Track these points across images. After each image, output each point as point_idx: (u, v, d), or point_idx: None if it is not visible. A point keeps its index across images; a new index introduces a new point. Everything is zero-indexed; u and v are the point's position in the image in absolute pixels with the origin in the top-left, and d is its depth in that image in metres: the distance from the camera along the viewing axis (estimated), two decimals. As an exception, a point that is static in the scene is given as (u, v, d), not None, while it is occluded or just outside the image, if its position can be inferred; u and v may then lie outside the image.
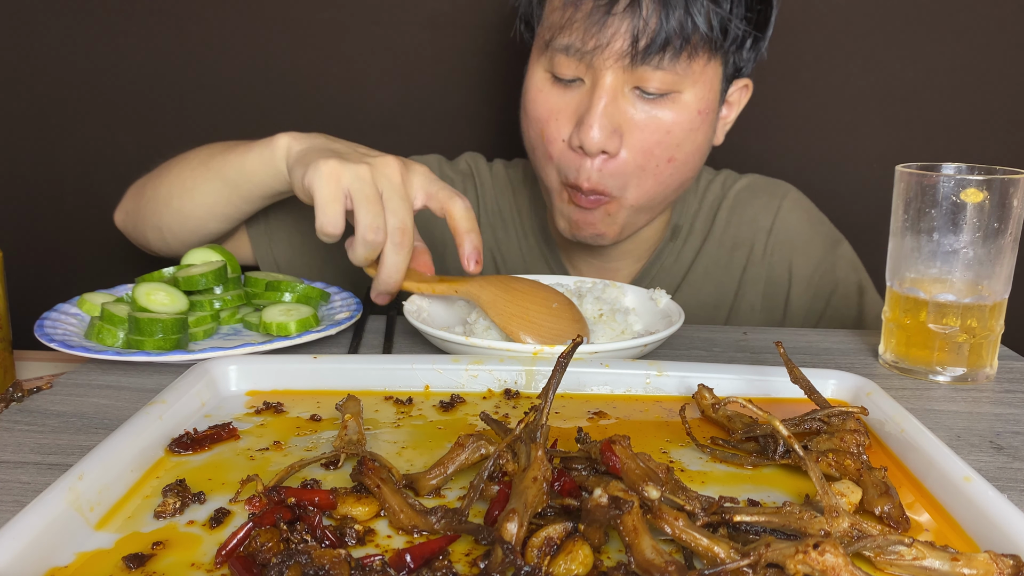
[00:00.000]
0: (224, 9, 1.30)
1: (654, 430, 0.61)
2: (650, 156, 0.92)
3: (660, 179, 0.94)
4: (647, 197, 0.95)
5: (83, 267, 1.42)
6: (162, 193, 0.96)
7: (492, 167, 1.17)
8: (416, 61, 1.33)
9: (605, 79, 0.89)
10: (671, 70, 0.88)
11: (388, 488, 0.48)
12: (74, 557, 0.43)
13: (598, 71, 0.89)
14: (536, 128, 0.96)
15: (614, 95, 0.90)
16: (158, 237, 0.99)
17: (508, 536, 0.42)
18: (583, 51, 0.89)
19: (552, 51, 0.92)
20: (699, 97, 0.92)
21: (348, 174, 0.76)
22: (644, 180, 0.94)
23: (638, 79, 0.89)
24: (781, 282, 1.11)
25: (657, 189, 0.95)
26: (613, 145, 0.90)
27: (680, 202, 1.11)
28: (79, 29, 1.33)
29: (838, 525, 0.44)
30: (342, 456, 0.54)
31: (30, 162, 1.38)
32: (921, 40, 1.29)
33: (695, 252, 1.11)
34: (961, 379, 0.76)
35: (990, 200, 0.72)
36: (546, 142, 0.95)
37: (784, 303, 1.11)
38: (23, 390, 0.67)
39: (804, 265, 1.10)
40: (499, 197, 1.15)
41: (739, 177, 1.14)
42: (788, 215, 1.11)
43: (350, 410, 0.59)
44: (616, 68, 0.88)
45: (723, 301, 1.11)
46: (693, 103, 0.91)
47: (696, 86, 0.91)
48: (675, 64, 0.88)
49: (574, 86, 0.92)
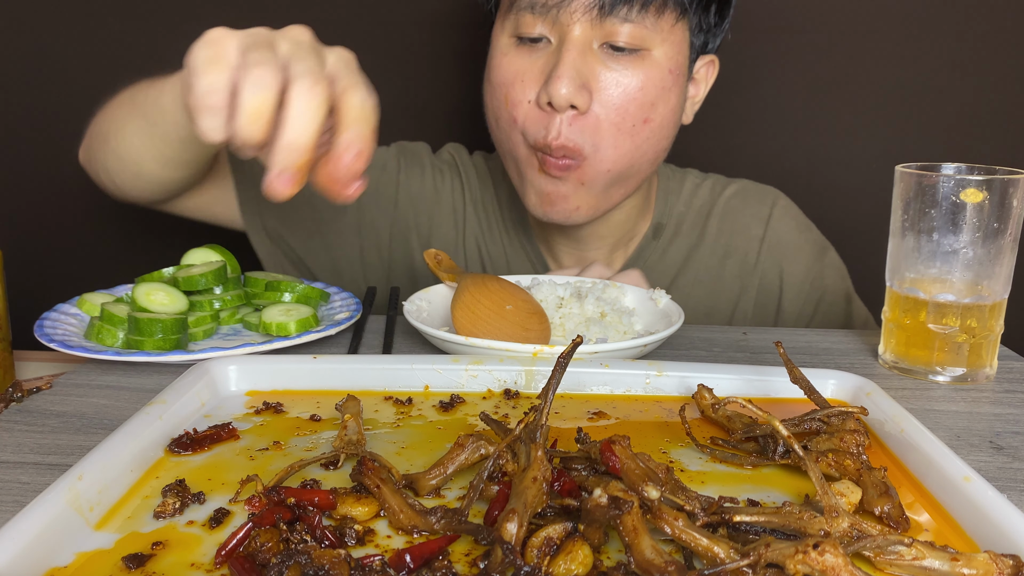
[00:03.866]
0: (224, 9, 1.30)
1: (654, 430, 0.61)
2: (625, 114, 0.90)
3: (636, 141, 0.92)
4: (624, 160, 0.93)
5: (83, 267, 1.42)
6: (101, 131, 0.89)
7: (473, 158, 1.16)
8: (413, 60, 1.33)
9: (572, 32, 0.88)
10: (640, 23, 0.88)
11: (388, 488, 0.48)
12: (74, 557, 0.43)
13: (565, 26, 0.88)
14: (500, 93, 0.93)
15: (582, 49, 0.88)
16: (108, 180, 0.94)
17: (508, 536, 0.42)
18: (548, 6, 0.88)
19: (517, 11, 0.90)
20: (668, 56, 0.91)
21: (238, 35, 0.60)
22: (620, 140, 0.91)
23: (607, 34, 0.88)
24: (772, 289, 1.11)
25: (634, 153, 0.93)
26: (583, 100, 0.88)
27: (662, 200, 1.11)
28: (79, 29, 1.33)
29: (838, 525, 0.44)
30: (342, 456, 0.54)
31: (30, 162, 1.38)
32: (921, 40, 1.29)
33: (684, 257, 1.10)
34: (961, 379, 0.76)
35: (990, 200, 0.72)
36: (510, 106, 0.92)
37: (776, 310, 1.11)
38: (23, 390, 0.67)
39: (795, 272, 1.10)
40: (482, 188, 1.14)
41: (728, 182, 1.14)
42: (778, 223, 1.11)
43: (350, 410, 0.59)
44: (584, 21, 0.87)
45: (716, 308, 1.11)
46: (663, 61, 0.91)
47: (665, 44, 0.90)
48: (644, 17, 0.87)
49: (539, 47, 0.91)
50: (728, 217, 1.11)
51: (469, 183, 1.13)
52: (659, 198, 1.11)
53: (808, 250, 1.11)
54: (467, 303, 0.79)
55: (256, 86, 0.55)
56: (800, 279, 1.10)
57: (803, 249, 1.11)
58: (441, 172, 1.14)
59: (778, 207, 1.12)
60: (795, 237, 1.11)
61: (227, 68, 0.57)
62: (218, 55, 0.58)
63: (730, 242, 1.11)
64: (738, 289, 1.10)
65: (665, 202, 1.11)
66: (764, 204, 1.12)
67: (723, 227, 1.11)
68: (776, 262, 1.10)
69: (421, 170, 1.13)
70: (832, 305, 1.10)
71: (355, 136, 0.58)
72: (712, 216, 1.11)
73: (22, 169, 1.39)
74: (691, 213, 1.12)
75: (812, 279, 1.10)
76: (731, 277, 1.10)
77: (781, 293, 1.10)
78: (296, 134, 0.56)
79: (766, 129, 1.34)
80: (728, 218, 1.11)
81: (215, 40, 0.59)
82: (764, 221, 1.11)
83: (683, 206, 1.12)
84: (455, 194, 1.13)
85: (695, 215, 1.12)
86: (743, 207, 1.12)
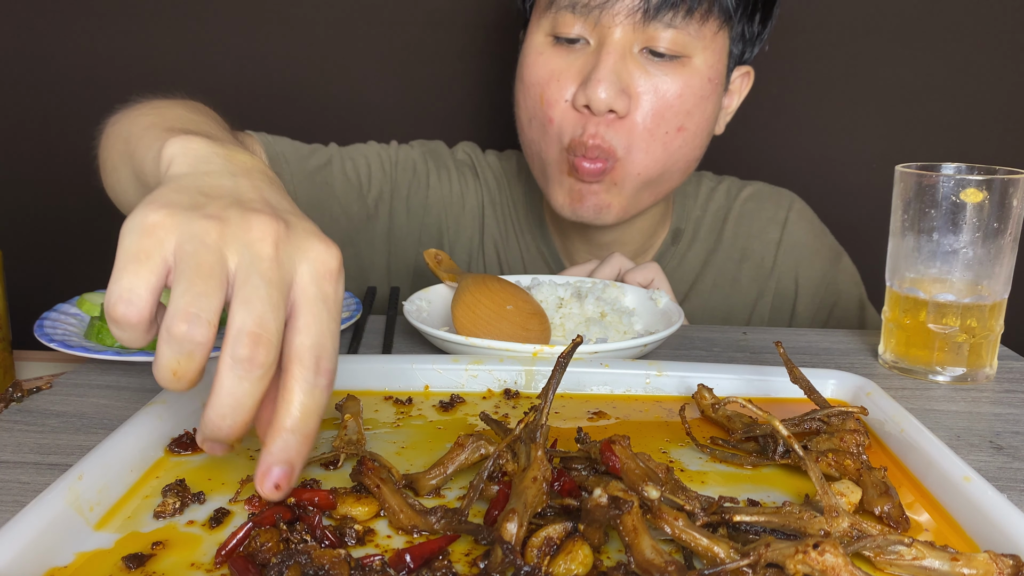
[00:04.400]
0: (224, 9, 1.30)
1: (654, 430, 0.61)
2: (661, 121, 0.89)
3: (669, 149, 0.91)
4: (655, 167, 0.92)
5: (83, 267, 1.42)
6: (103, 160, 0.82)
7: (487, 157, 1.15)
8: (414, 59, 1.33)
9: (613, 35, 0.86)
10: (683, 29, 0.86)
11: (388, 488, 0.48)
12: (74, 557, 0.43)
13: (605, 28, 0.87)
14: (535, 92, 0.92)
15: (622, 53, 0.87)
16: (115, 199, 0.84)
17: (508, 536, 0.42)
18: (591, 6, 0.86)
19: (556, 9, 0.89)
20: (709, 65, 0.90)
21: (179, 229, 0.42)
22: (653, 146, 0.90)
23: (648, 38, 0.87)
24: (788, 294, 1.10)
25: (665, 160, 0.92)
26: (621, 104, 0.87)
27: (680, 205, 1.10)
28: (79, 29, 1.33)
29: (838, 525, 0.44)
30: (342, 456, 0.54)
31: (30, 162, 1.38)
32: (920, 40, 1.29)
33: (702, 263, 1.10)
34: (961, 379, 0.76)
35: (990, 200, 0.72)
36: (546, 105, 0.91)
37: (790, 315, 1.10)
38: (23, 390, 0.67)
39: (810, 277, 1.10)
40: (499, 190, 1.13)
41: (744, 185, 1.13)
42: (794, 227, 1.10)
43: (350, 410, 0.59)
44: (626, 25, 0.86)
45: (733, 313, 1.10)
46: (704, 69, 0.89)
47: (706, 52, 0.89)
48: (688, 24, 0.86)
49: (577, 48, 0.89)
50: (744, 220, 1.10)
51: (487, 184, 1.12)
52: (676, 203, 1.10)
53: (824, 255, 1.11)
54: (468, 302, 0.79)
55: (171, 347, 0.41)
56: (815, 284, 1.10)
57: (819, 253, 1.10)
58: (463, 173, 1.12)
59: (794, 211, 1.11)
60: (811, 241, 1.11)
61: (149, 276, 0.42)
62: (147, 252, 0.42)
63: (747, 246, 1.10)
64: (755, 294, 1.10)
65: (683, 207, 1.10)
66: (780, 208, 1.11)
67: (739, 231, 1.10)
68: (792, 266, 1.10)
69: (448, 172, 1.11)
70: (845, 311, 1.10)
71: (281, 450, 0.42)
72: (728, 220, 1.10)
73: (22, 169, 1.39)
74: (708, 217, 1.11)
75: (827, 284, 1.10)
76: (748, 281, 1.10)
77: (796, 298, 1.10)
78: (219, 416, 0.42)
79: (766, 129, 1.34)
80: (744, 221, 1.10)
81: (151, 230, 0.42)
82: (781, 225, 1.10)
83: (700, 210, 1.11)
84: (476, 196, 1.12)
85: (712, 219, 1.11)
86: (759, 210, 1.11)
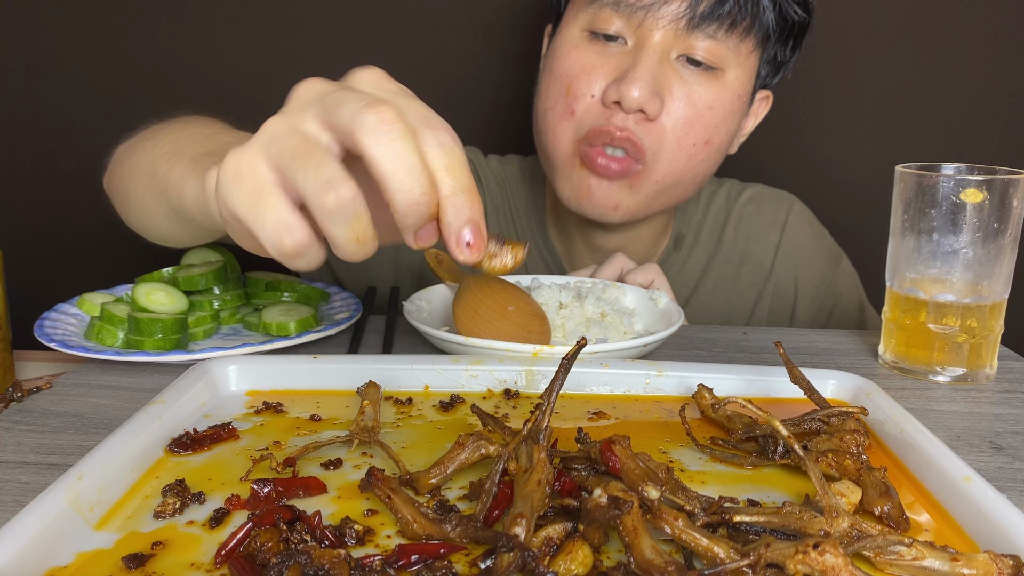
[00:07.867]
0: (224, 9, 1.30)
1: (654, 430, 0.61)
2: (689, 131, 0.89)
3: (692, 162, 0.91)
4: (673, 176, 0.91)
5: (83, 267, 1.42)
6: (122, 192, 0.80)
7: (489, 162, 1.14)
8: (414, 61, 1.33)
9: (653, 38, 0.86)
10: (723, 42, 0.86)
11: (399, 498, 0.46)
12: (74, 557, 0.43)
13: (647, 31, 0.86)
14: (562, 84, 0.90)
15: (660, 57, 0.87)
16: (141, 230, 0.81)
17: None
18: (636, 7, 0.86)
19: (599, 4, 0.88)
20: (740, 81, 0.90)
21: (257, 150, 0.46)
22: (678, 156, 0.90)
23: (687, 46, 0.87)
24: (787, 296, 1.10)
25: (684, 171, 0.92)
26: (654, 107, 0.86)
27: (682, 210, 1.10)
28: (79, 29, 1.33)
29: (838, 525, 0.44)
30: (354, 441, 0.54)
31: (30, 162, 1.38)
32: (921, 40, 1.29)
33: (703, 267, 1.10)
34: (961, 379, 0.76)
35: (990, 200, 0.72)
36: (571, 97, 0.89)
37: (790, 317, 1.11)
38: (23, 390, 0.67)
39: (809, 279, 1.10)
40: (500, 195, 1.12)
41: (743, 188, 1.13)
42: (794, 229, 1.10)
43: (369, 396, 0.59)
44: (668, 29, 0.86)
45: (733, 316, 1.10)
46: (735, 85, 0.90)
47: (739, 68, 0.89)
48: (728, 37, 0.86)
49: (613, 45, 0.88)
50: (744, 223, 1.10)
51: (489, 189, 1.12)
52: (678, 208, 1.10)
53: (823, 257, 1.11)
54: (469, 302, 0.79)
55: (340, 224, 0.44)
56: (815, 286, 1.10)
57: (818, 256, 1.10)
58: None
59: (793, 213, 1.11)
60: (810, 244, 1.11)
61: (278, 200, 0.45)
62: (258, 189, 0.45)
63: (746, 248, 1.10)
64: (755, 296, 1.10)
65: (684, 212, 1.10)
66: (780, 210, 1.11)
67: (739, 234, 1.10)
68: (791, 269, 1.10)
69: None
70: (845, 313, 1.10)
71: (456, 214, 0.46)
72: (729, 223, 1.10)
73: (22, 169, 1.39)
74: (708, 221, 1.11)
75: (826, 286, 1.10)
76: (747, 284, 1.10)
77: (795, 300, 1.10)
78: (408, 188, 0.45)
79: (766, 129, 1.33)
80: (744, 224, 1.10)
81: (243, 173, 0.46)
82: (780, 227, 1.10)
83: (700, 214, 1.11)
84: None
85: (712, 222, 1.11)
86: (758, 213, 1.11)
